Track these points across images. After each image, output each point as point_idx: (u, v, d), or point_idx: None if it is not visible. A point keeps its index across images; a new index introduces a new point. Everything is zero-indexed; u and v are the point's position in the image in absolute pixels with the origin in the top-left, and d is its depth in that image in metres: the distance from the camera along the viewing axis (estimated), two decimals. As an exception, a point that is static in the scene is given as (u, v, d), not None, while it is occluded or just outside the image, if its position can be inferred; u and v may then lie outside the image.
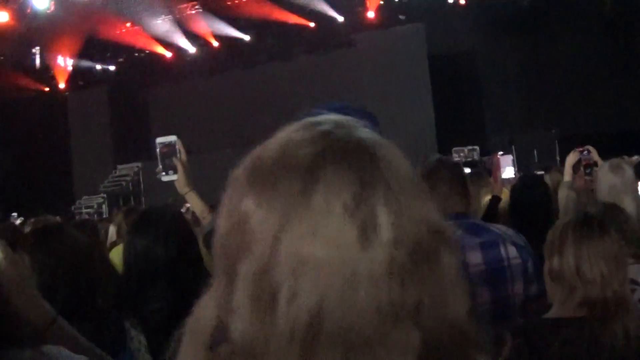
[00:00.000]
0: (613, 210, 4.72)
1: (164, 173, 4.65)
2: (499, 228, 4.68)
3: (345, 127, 1.31)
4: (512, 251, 4.48)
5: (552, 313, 3.67)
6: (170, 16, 31.78)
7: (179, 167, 4.64)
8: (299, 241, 1.19)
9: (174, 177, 4.64)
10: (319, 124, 1.32)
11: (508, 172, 7.53)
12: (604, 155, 7.34)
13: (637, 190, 6.12)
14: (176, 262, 4.11)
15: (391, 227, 1.20)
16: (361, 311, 1.18)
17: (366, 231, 1.19)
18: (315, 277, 1.18)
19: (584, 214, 3.77)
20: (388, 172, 1.25)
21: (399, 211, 1.22)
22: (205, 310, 1.32)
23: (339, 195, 1.20)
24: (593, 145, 7.55)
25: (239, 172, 1.31)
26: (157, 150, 4.68)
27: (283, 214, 1.21)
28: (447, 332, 1.24)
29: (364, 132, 1.32)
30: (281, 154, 1.28)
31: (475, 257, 4.35)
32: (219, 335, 1.26)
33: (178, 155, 4.66)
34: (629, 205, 5.56)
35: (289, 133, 1.32)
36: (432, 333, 1.22)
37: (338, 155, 1.24)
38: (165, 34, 32.58)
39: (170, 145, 4.67)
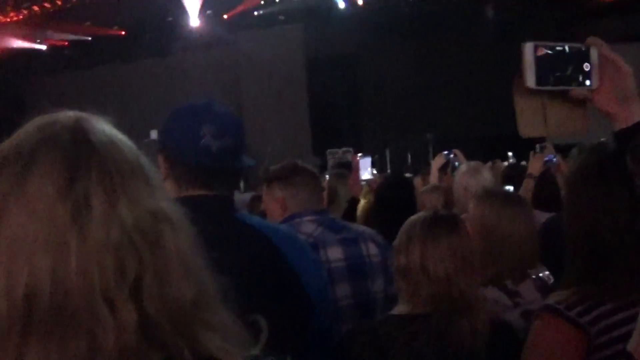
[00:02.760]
0: None
1: None
2: (359, 227, 4.77)
3: (70, 117, 1.42)
4: (372, 248, 4.57)
5: (398, 309, 3.71)
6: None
7: None
8: (16, 222, 1.26)
9: None
10: (48, 117, 1.43)
11: (366, 174, 7.61)
12: (477, 159, 7.52)
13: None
14: None
15: (105, 207, 1.28)
16: (72, 289, 1.23)
17: (79, 211, 1.26)
18: (28, 257, 1.23)
19: (434, 212, 3.83)
20: (106, 159, 1.33)
21: (115, 194, 1.30)
22: None
23: (52, 178, 1.28)
24: (467, 150, 7.70)
25: None
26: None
27: (3, 198, 1.28)
28: (169, 312, 1.29)
29: (92, 121, 1.43)
30: (10, 145, 1.37)
31: (336, 253, 4.41)
32: None
33: None
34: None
35: (24, 127, 1.42)
36: (153, 312, 1.28)
37: (55, 143, 1.33)
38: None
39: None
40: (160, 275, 1.29)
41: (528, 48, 2.16)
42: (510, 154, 16.39)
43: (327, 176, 7.78)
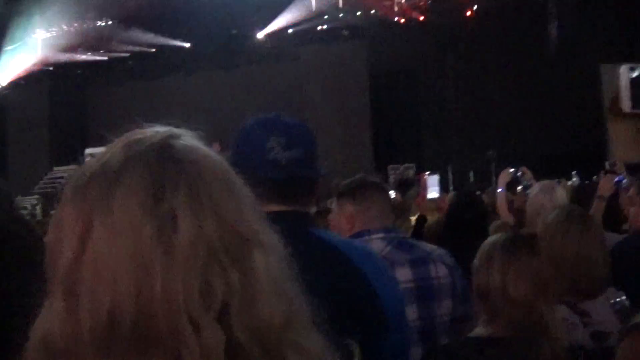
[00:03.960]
0: None
1: None
2: (428, 246, 4.69)
3: (158, 135, 1.39)
4: (441, 270, 4.45)
5: (477, 332, 3.65)
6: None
7: None
8: (101, 240, 1.24)
9: None
10: (137, 133, 1.41)
11: (433, 192, 7.54)
12: (540, 178, 7.41)
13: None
14: None
15: (192, 227, 1.25)
16: (157, 310, 1.20)
17: (165, 230, 1.23)
18: (113, 277, 1.21)
19: (514, 233, 3.77)
20: (194, 178, 1.30)
21: (202, 213, 1.27)
22: (40, 319, 1.32)
23: (138, 196, 1.25)
24: (530, 168, 7.59)
25: (66, 186, 1.36)
26: (85, 160, 4.68)
27: (89, 217, 1.26)
28: (258, 335, 1.26)
29: (183, 139, 1.40)
30: (97, 162, 1.35)
31: (405, 274, 4.30)
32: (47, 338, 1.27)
33: None
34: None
35: (110, 145, 1.39)
36: (241, 335, 1.24)
37: (142, 161, 1.30)
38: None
39: None
40: (249, 297, 1.26)
41: (623, 70, 2.08)
42: (574, 172, 16.19)
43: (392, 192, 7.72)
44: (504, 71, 26.27)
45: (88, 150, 5.69)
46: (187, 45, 31.98)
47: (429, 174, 7.60)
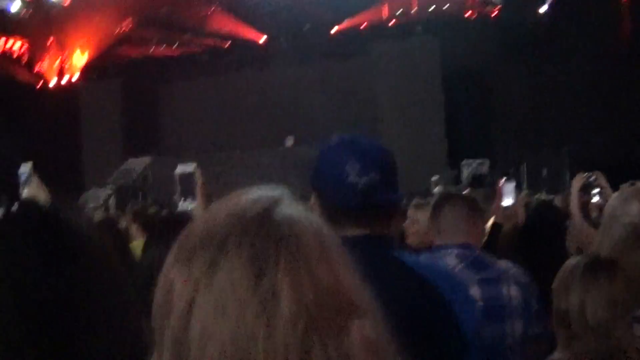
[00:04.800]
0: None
1: (182, 199, 4.74)
2: (503, 265, 4.66)
3: (260, 205, 1.40)
4: (514, 290, 4.48)
5: (555, 356, 3.65)
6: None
7: (198, 196, 4.72)
8: (206, 313, 1.28)
9: (192, 205, 4.73)
10: (239, 201, 1.42)
11: (509, 199, 7.41)
12: (613, 179, 7.28)
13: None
14: None
15: (292, 302, 1.27)
16: None
17: (267, 306, 1.26)
18: (219, 349, 1.26)
19: (594, 256, 3.75)
20: (294, 251, 1.32)
21: (302, 287, 1.29)
22: None
23: (241, 273, 1.29)
24: (603, 168, 7.47)
25: (174, 246, 1.40)
26: (176, 179, 4.78)
27: (194, 287, 1.31)
28: None
29: (280, 207, 1.40)
30: (201, 230, 1.38)
31: (474, 294, 4.28)
32: None
33: (197, 183, 4.75)
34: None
35: (216, 208, 1.43)
36: None
37: (244, 234, 1.33)
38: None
39: (190, 174, 4.77)
40: None
41: None
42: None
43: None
44: (577, 68, 25.98)
45: (179, 170, 5.86)
46: (261, 40, 32.12)
47: (505, 180, 7.48)
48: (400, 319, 1.44)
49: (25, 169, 4.70)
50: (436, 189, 10.81)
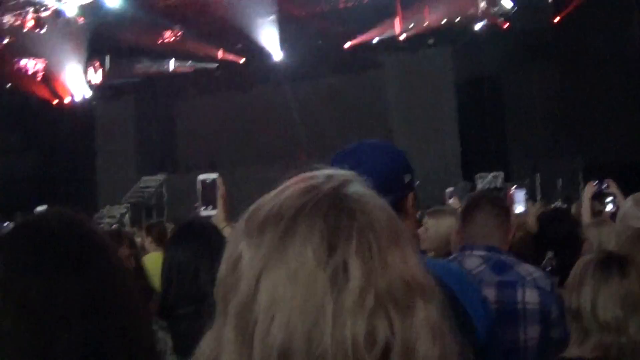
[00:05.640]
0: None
1: (203, 207, 4.79)
2: (526, 268, 4.64)
3: (332, 182, 1.44)
4: (531, 295, 4.47)
5: (568, 352, 3.66)
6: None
7: (220, 203, 4.77)
8: (276, 283, 1.32)
9: (212, 212, 4.78)
10: (311, 178, 1.47)
11: (520, 207, 7.43)
12: (628, 186, 7.27)
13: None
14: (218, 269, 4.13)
15: (362, 276, 1.31)
16: (327, 352, 1.28)
17: (337, 278, 1.30)
18: (287, 317, 1.29)
19: (606, 253, 3.75)
20: (365, 224, 1.36)
21: (371, 262, 1.33)
22: (207, 345, 1.43)
23: (314, 245, 1.32)
24: (617, 176, 7.47)
25: (241, 220, 1.45)
26: (199, 185, 4.83)
27: (265, 258, 1.34)
28: None
29: (352, 186, 1.45)
30: (272, 205, 1.42)
31: (489, 295, 4.29)
32: None
33: (218, 191, 4.80)
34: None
35: (285, 186, 1.46)
36: None
37: (317, 209, 1.37)
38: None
39: (212, 182, 4.81)
40: (409, 343, 1.32)
41: None
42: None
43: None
44: (591, 74, 25.93)
45: (201, 177, 5.93)
46: (276, 56, 32.14)
47: (515, 188, 7.50)
48: None
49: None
50: (451, 201, 10.76)
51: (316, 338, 1.28)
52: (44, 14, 31.05)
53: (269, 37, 31.36)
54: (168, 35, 33.02)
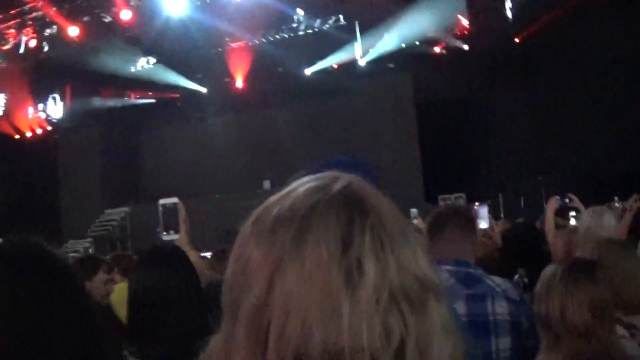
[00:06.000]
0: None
1: (164, 233, 4.80)
2: (495, 281, 4.67)
3: (340, 182, 1.44)
4: (500, 306, 4.49)
5: (539, 358, 3.68)
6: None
7: (182, 227, 4.79)
8: (290, 283, 1.31)
9: (175, 237, 4.80)
10: (318, 178, 1.46)
11: (483, 223, 7.47)
12: (591, 202, 7.36)
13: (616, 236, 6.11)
14: (186, 291, 4.14)
15: (377, 273, 1.31)
16: (343, 350, 1.27)
17: (352, 276, 1.30)
18: (302, 316, 1.29)
19: (574, 259, 3.79)
20: (377, 222, 1.36)
21: (385, 259, 1.33)
22: (215, 347, 1.43)
23: (327, 244, 1.32)
24: (580, 191, 7.55)
25: (247, 222, 1.44)
26: (160, 210, 4.84)
27: (278, 258, 1.33)
28: None
29: (358, 185, 1.45)
30: (282, 205, 1.41)
31: (459, 308, 4.34)
32: None
33: (180, 215, 4.82)
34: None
35: (292, 187, 1.46)
36: None
37: (329, 207, 1.37)
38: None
39: (173, 206, 4.84)
40: (423, 340, 1.34)
41: None
42: (616, 198, 15.85)
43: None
44: (553, 96, 26.14)
45: (162, 201, 5.96)
46: (237, 85, 32.14)
47: (478, 205, 7.54)
48: None
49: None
50: (415, 222, 10.83)
51: (332, 336, 1.28)
52: (4, 47, 30.89)
53: (229, 65, 31.38)
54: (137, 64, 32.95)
